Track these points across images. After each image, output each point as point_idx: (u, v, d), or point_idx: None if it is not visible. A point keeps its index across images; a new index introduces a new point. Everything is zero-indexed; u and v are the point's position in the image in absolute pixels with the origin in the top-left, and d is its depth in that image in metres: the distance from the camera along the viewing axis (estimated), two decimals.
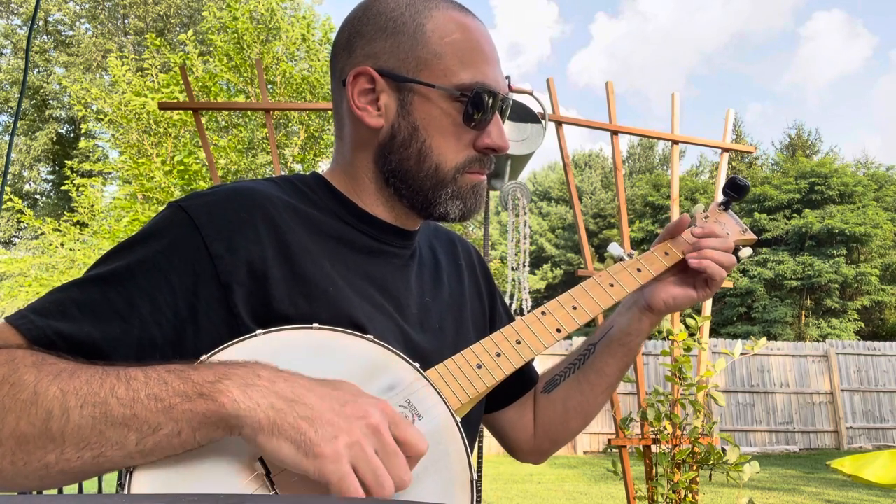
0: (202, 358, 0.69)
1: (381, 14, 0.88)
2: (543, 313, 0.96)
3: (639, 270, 1.02)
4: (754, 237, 1.14)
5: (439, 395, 0.77)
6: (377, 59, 0.86)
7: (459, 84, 0.85)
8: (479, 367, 0.87)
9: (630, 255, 1.04)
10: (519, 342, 0.92)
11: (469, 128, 0.87)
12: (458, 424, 0.76)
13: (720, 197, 1.15)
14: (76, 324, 0.72)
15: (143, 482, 0.64)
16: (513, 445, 1.14)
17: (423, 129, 0.86)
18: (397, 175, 0.89)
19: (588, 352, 1.07)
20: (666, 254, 1.04)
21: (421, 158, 0.87)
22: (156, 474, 0.64)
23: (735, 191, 1.10)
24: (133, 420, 0.62)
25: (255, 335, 0.72)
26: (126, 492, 0.63)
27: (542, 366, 1.10)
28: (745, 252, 1.11)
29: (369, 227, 0.91)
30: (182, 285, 0.76)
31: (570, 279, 27.51)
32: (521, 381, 1.09)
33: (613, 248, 1.06)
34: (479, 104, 0.86)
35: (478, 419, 1.01)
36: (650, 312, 1.04)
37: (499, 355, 0.89)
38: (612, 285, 1.00)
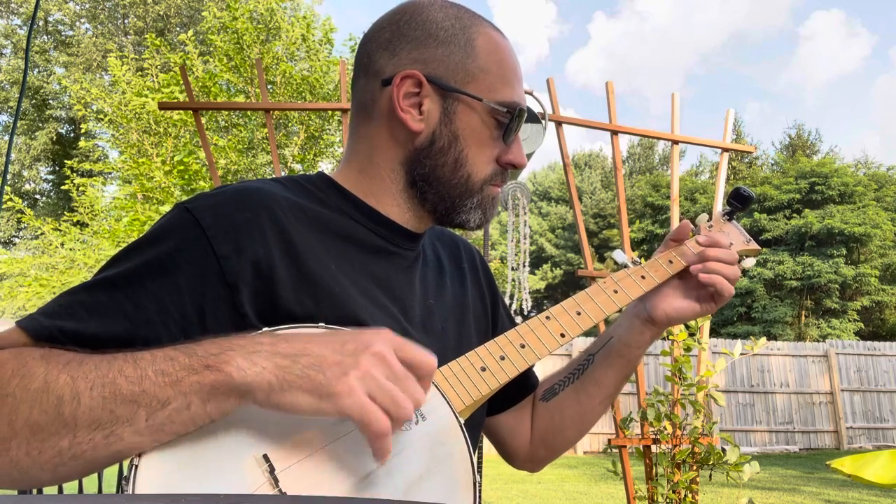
0: None
1: (430, 22, 0.90)
2: (548, 318, 0.96)
3: (643, 278, 1.02)
4: (758, 248, 1.14)
5: (443, 396, 0.78)
6: (426, 65, 0.88)
7: (501, 100, 0.89)
8: (484, 369, 0.88)
9: (635, 263, 1.04)
10: (523, 346, 0.92)
11: (500, 142, 0.91)
12: (461, 426, 0.77)
13: (721, 206, 1.15)
14: (83, 323, 0.72)
15: (147, 477, 0.64)
16: (509, 451, 1.14)
17: (463, 138, 0.89)
18: (428, 180, 0.90)
19: (587, 362, 1.07)
20: (670, 262, 1.04)
21: (456, 167, 0.89)
22: (160, 469, 0.65)
23: (739, 201, 1.10)
24: (142, 396, 0.64)
25: (262, 333, 0.73)
26: (130, 486, 0.63)
27: (543, 367, 1.10)
28: (749, 262, 1.12)
29: (377, 225, 0.92)
30: (189, 286, 0.76)
31: (570, 279, 27.53)
32: (521, 386, 1.09)
33: (618, 255, 1.06)
34: (513, 121, 0.90)
35: (480, 422, 1.01)
36: (652, 325, 1.03)
37: (503, 359, 0.90)
38: (616, 292, 1.00)
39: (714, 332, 19.12)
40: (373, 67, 0.91)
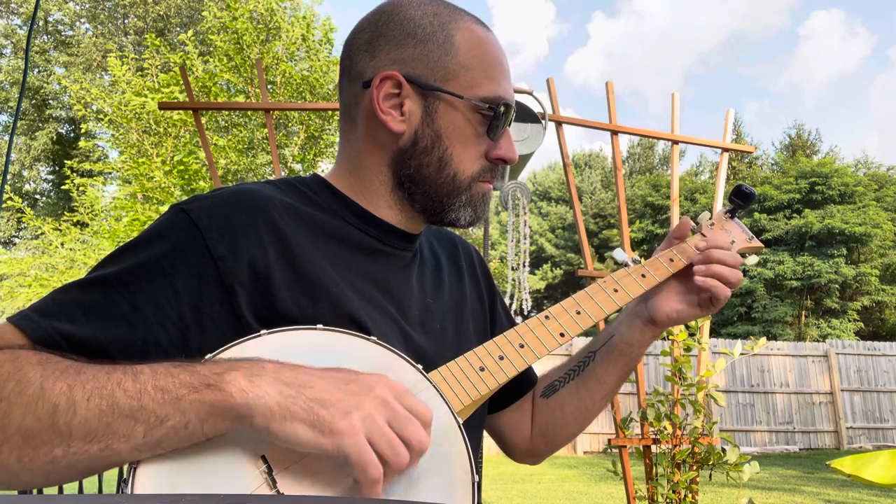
0: (207, 357, 0.70)
1: (408, 20, 0.88)
2: (547, 317, 0.96)
3: (643, 276, 1.01)
4: (761, 245, 1.14)
5: (442, 396, 0.78)
6: (404, 65, 0.87)
7: (484, 97, 0.88)
8: (482, 369, 0.88)
9: (635, 261, 1.04)
10: (522, 346, 0.92)
11: (487, 139, 0.90)
12: (460, 426, 0.77)
13: (721, 205, 1.15)
14: (80, 325, 0.72)
15: (146, 479, 0.64)
16: (509, 447, 1.14)
17: (446, 137, 0.88)
18: (414, 180, 0.90)
19: (588, 359, 1.07)
20: (671, 260, 1.04)
21: (441, 166, 0.88)
22: (158, 471, 0.64)
23: (741, 199, 1.09)
24: (140, 411, 0.63)
25: (260, 335, 0.73)
26: (129, 488, 0.63)
27: (542, 366, 1.10)
28: (752, 259, 1.12)
29: (372, 227, 0.91)
30: (185, 288, 0.76)
31: (570, 279, 27.53)
32: (520, 384, 1.09)
33: (618, 254, 1.06)
34: (499, 117, 0.88)
35: (480, 421, 1.01)
36: (653, 325, 1.03)
37: (502, 358, 0.90)
38: (616, 291, 1.00)
39: (714, 332, 19.11)
40: (354, 70, 0.91)
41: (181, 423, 0.63)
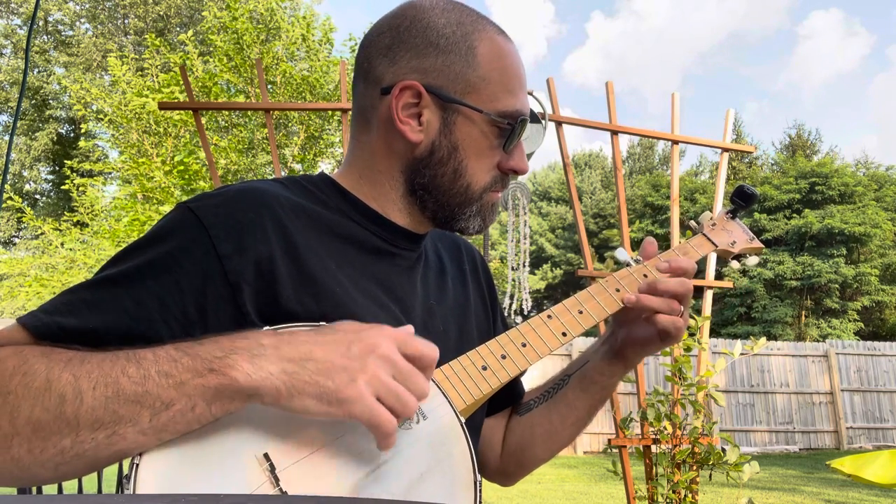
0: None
1: (430, 28, 0.88)
2: (549, 317, 0.96)
3: (645, 276, 1.01)
4: (761, 246, 1.14)
5: (444, 395, 0.78)
6: (425, 75, 0.86)
7: (503, 111, 0.88)
8: (485, 368, 0.88)
9: (637, 261, 1.04)
10: (524, 345, 0.92)
11: (500, 151, 0.90)
12: (462, 425, 0.77)
13: (721, 205, 1.15)
14: (83, 319, 0.72)
15: (148, 475, 0.64)
16: (481, 461, 1.11)
17: (462, 149, 0.88)
18: (427, 189, 0.90)
19: (563, 382, 1.06)
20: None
21: (456, 177, 0.89)
22: (160, 468, 0.65)
23: (743, 199, 1.10)
24: (145, 397, 0.64)
25: (263, 332, 0.73)
26: (132, 484, 0.63)
27: (543, 366, 1.09)
28: (752, 260, 1.12)
29: (379, 227, 0.92)
30: (191, 285, 0.76)
31: (570, 279, 27.54)
32: (509, 394, 1.08)
33: (620, 254, 1.06)
34: (515, 130, 0.88)
35: (480, 422, 1.01)
36: (621, 361, 1.01)
37: (504, 357, 0.90)
38: (618, 290, 1.00)
39: (714, 332, 19.11)
40: (372, 74, 0.90)
41: (187, 406, 0.64)
